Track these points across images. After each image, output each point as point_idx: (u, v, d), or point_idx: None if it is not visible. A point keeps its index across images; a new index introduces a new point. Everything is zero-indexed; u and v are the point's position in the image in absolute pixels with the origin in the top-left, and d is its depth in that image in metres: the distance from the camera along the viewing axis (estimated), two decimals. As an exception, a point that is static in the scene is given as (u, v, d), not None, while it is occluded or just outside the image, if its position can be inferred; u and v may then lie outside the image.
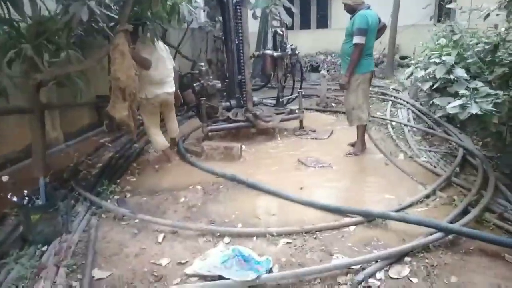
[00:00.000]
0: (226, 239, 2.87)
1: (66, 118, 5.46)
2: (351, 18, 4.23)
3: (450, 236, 2.75)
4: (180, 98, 4.84)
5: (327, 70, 10.03)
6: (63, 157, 4.91)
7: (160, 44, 4.31)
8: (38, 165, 4.19)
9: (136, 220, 3.16)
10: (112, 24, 4.40)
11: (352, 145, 4.80)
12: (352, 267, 2.48)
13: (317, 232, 2.91)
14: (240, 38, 5.25)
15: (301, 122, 5.65)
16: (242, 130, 5.38)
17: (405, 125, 5.50)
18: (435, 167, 4.07)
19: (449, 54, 3.66)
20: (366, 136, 4.77)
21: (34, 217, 2.79)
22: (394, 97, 7.27)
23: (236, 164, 4.49)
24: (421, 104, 6.23)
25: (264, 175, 4.07)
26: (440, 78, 3.54)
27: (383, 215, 2.99)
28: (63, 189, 3.80)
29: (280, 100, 5.88)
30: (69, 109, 5.55)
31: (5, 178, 4.16)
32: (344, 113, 6.12)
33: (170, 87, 4.40)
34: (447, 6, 4.47)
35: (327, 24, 12.54)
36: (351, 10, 4.22)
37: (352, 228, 2.98)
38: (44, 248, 2.78)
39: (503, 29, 4.04)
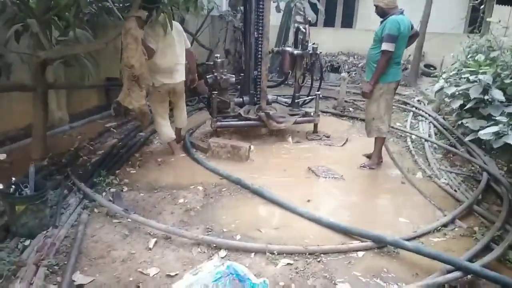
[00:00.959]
0: (222, 252, 2.65)
1: (73, 98, 5.30)
2: (381, 22, 3.92)
3: (469, 276, 2.48)
4: (196, 81, 4.61)
5: (348, 72, 9.69)
6: (65, 139, 4.76)
7: (174, 26, 3.99)
8: (37, 146, 4.03)
9: (129, 220, 2.95)
10: (127, 4, 4.18)
11: (368, 156, 4.52)
12: (357, 302, 2.24)
13: (322, 255, 2.67)
14: (260, 32, 4.97)
15: (315, 126, 5.37)
16: (253, 128, 5.13)
17: (426, 140, 5.18)
18: (455, 191, 3.77)
19: (485, 73, 3.34)
20: (383, 149, 4.48)
21: (19, 207, 2.58)
22: (416, 108, 6.93)
23: (243, 165, 4.25)
24: (444, 118, 5.90)
25: (270, 181, 3.83)
26: (474, 98, 3.23)
27: (397, 243, 2.72)
28: (60, 175, 3.62)
29: (296, 100, 5.59)
30: (77, 89, 5.37)
31: (2, 156, 4.03)
32: (362, 120, 5.86)
33: (180, 76, 4.17)
34: (487, 19, 4.12)
35: (352, 24, 12.15)
36: (383, 13, 3.91)
37: (360, 253, 2.73)
38: (28, 242, 2.58)
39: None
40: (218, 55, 5.24)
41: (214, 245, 2.70)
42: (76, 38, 3.74)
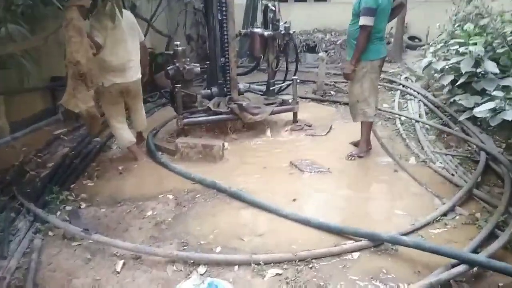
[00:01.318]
0: (201, 269, 2.62)
1: (13, 104, 5.08)
2: (358, -5, 3.93)
3: (475, 268, 2.54)
4: (147, 75, 4.54)
5: (326, 52, 9.74)
6: (7, 153, 4.57)
7: (126, 17, 3.91)
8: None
9: (91, 241, 2.87)
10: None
11: (355, 144, 4.56)
12: (356, 310, 2.25)
13: (313, 260, 2.68)
14: (224, 13, 4.90)
15: (295, 114, 5.38)
16: (225, 123, 5.08)
17: (417, 121, 5.26)
18: (453, 175, 3.85)
19: (475, 43, 3.40)
20: (371, 134, 4.52)
21: (-42, 240, 2.47)
22: (403, 86, 7.04)
23: (217, 166, 4.22)
24: (434, 95, 6.01)
25: (250, 182, 3.83)
26: (465, 72, 3.29)
27: (394, 239, 2.75)
28: (4, 195, 3.49)
29: (271, 88, 5.57)
30: (17, 94, 5.17)
31: None
32: (345, 103, 5.90)
33: (133, 74, 4.07)
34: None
35: (326, -3, 12.19)
36: (359, -16, 3.93)
37: (355, 254, 2.75)
38: (-29, 279, 2.48)
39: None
40: (179, 42, 5.13)
41: (192, 261, 2.67)
42: (9, 34, 3.58)
